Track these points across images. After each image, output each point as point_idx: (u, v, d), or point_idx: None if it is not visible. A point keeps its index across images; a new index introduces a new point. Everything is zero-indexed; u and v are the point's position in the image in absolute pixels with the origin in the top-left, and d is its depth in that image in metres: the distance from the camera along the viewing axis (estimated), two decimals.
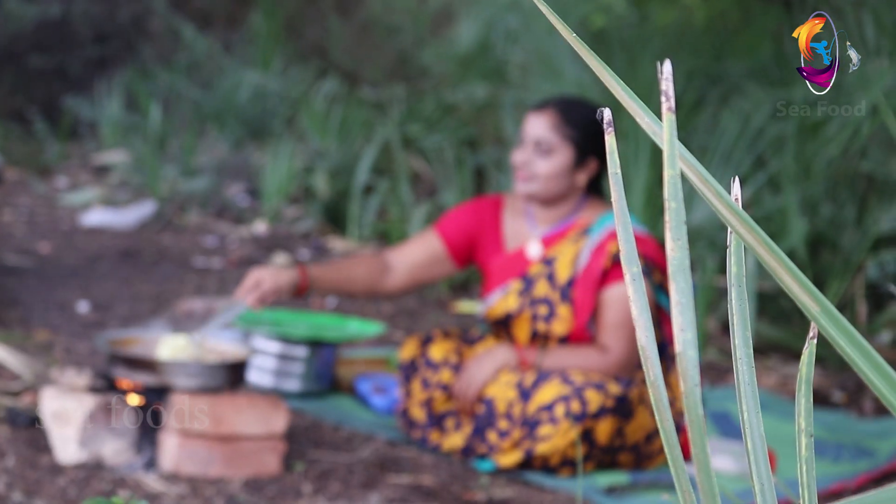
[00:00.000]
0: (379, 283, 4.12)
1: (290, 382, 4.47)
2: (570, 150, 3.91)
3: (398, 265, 4.13)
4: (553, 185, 3.93)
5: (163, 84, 10.63)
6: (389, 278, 4.12)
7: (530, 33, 7.92)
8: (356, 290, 4.15)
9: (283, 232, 8.37)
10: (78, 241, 7.41)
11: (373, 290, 4.14)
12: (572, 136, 3.89)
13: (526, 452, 3.75)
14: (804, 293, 0.83)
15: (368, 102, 9.50)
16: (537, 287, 3.99)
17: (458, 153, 7.82)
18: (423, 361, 4.09)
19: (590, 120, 3.93)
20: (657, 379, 0.86)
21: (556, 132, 3.89)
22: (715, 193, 0.85)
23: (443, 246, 4.13)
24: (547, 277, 3.98)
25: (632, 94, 0.85)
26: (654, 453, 3.96)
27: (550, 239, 4.03)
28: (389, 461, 3.83)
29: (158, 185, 8.70)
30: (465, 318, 6.31)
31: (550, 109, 3.93)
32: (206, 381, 3.54)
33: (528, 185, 3.94)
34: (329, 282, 4.04)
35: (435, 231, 4.17)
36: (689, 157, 0.84)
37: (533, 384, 3.81)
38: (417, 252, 4.14)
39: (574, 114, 3.92)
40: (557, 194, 3.96)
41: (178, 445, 3.49)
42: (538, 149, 3.91)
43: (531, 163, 3.92)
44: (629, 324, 3.87)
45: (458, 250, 4.14)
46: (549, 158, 3.91)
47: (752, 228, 0.85)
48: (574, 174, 3.94)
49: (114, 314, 5.56)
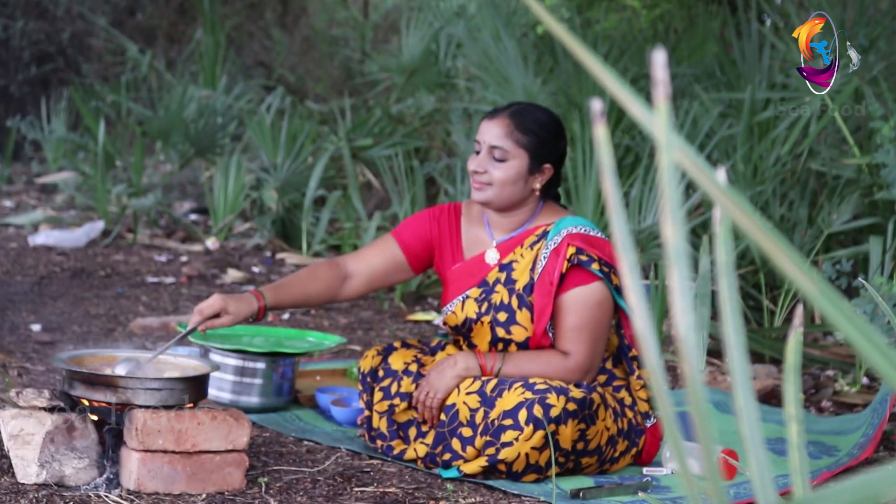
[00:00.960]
0: (337, 292, 4.11)
1: (250, 397, 4.44)
2: (525, 157, 3.90)
3: (357, 272, 4.12)
4: (508, 191, 3.92)
5: (107, 102, 10.56)
6: (347, 286, 4.11)
7: (476, 42, 7.92)
8: (314, 303, 4.16)
9: (234, 248, 8.33)
10: (27, 262, 7.34)
11: (330, 300, 4.14)
12: (526, 142, 3.89)
13: (490, 459, 3.74)
14: (801, 275, 0.83)
15: (315, 115, 9.48)
16: (496, 293, 3.98)
17: (408, 164, 7.81)
18: (383, 371, 4.08)
19: (543, 126, 3.93)
20: (656, 367, 0.85)
21: (509, 139, 3.89)
22: (709, 179, 0.84)
23: (401, 252, 4.12)
24: (505, 283, 3.97)
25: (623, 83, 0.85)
26: (618, 457, 3.96)
27: (508, 245, 4.02)
28: (353, 472, 3.81)
29: (106, 204, 8.64)
30: (422, 327, 6.31)
31: (504, 116, 3.93)
32: (167, 396, 3.50)
33: (483, 192, 3.93)
34: (286, 301, 4.02)
35: (393, 238, 4.16)
36: (683, 144, 0.84)
37: (495, 391, 3.81)
38: (376, 259, 4.13)
39: (527, 120, 3.91)
40: (513, 201, 3.96)
41: (139, 463, 3.45)
42: (492, 156, 3.91)
43: (486, 170, 3.91)
44: (589, 327, 3.87)
45: (417, 257, 4.14)
46: (503, 165, 3.90)
47: (748, 212, 0.84)
48: (529, 180, 3.94)
49: (67, 334, 5.51)
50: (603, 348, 3.93)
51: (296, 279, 4.08)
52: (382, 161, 8.04)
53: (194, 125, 9.22)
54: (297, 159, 8.49)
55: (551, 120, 3.96)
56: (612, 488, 3.74)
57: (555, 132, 3.95)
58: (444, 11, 9.68)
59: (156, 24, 13.76)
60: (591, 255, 3.85)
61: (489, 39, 7.77)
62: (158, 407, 3.50)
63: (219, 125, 9.50)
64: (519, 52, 7.53)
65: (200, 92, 10.00)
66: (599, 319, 3.88)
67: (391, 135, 8.95)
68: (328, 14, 14.48)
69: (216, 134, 9.37)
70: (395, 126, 9.23)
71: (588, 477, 3.91)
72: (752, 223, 0.84)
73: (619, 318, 4.01)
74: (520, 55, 7.50)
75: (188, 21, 13.69)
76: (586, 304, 3.87)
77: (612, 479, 3.90)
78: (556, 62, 7.45)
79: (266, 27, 13.94)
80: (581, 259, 3.84)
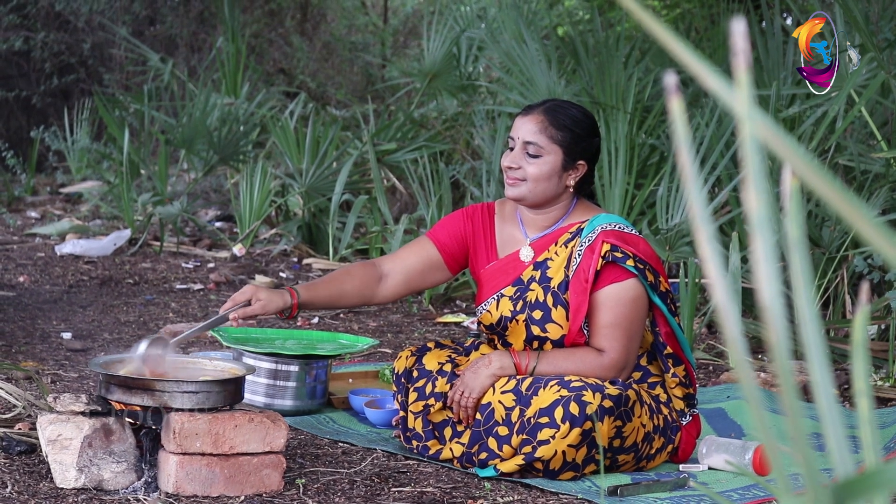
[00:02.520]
0: (373, 293, 4.10)
1: (284, 400, 4.45)
2: (559, 153, 3.90)
3: (393, 272, 4.12)
4: (542, 187, 3.92)
5: (130, 112, 10.59)
6: (384, 286, 4.11)
7: (498, 44, 7.92)
8: (348, 303, 4.14)
9: (260, 254, 8.34)
10: (55, 272, 7.36)
11: (366, 301, 4.13)
12: (560, 138, 3.89)
13: (526, 457, 3.73)
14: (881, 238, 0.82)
15: (338, 121, 9.48)
16: (531, 291, 3.98)
17: (433, 167, 7.81)
18: (417, 372, 4.07)
19: (578, 122, 3.93)
20: (736, 340, 0.85)
21: (544, 135, 3.89)
22: (788, 149, 0.84)
23: (437, 252, 4.12)
24: (540, 281, 3.97)
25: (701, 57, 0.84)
26: (654, 454, 3.95)
27: (542, 243, 4.02)
28: (390, 473, 3.81)
29: (132, 212, 8.66)
30: (451, 329, 6.30)
31: (538, 112, 3.93)
32: (204, 399, 3.51)
33: (517, 188, 3.94)
34: (320, 300, 4.03)
35: (428, 238, 4.16)
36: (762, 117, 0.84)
37: (530, 389, 3.80)
38: (412, 259, 4.13)
39: (562, 116, 3.91)
40: (547, 197, 3.96)
41: (178, 466, 3.46)
42: (527, 152, 3.91)
43: (520, 166, 3.92)
44: (624, 324, 3.87)
45: (452, 255, 4.13)
46: (537, 161, 3.90)
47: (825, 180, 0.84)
48: (563, 176, 3.94)
49: (98, 341, 5.53)
50: (638, 345, 3.93)
51: (330, 278, 4.09)
52: (407, 165, 8.05)
53: (217, 133, 9.23)
54: (322, 165, 8.50)
55: (585, 116, 3.96)
56: (650, 485, 3.74)
57: (589, 129, 3.95)
58: (465, 15, 9.68)
59: (176, 34, 13.79)
60: (626, 251, 3.85)
61: (511, 41, 7.78)
62: (195, 410, 3.50)
63: (242, 132, 9.52)
64: (542, 53, 7.53)
65: (223, 100, 10.02)
66: (634, 316, 3.88)
67: (414, 139, 8.96)
68: (348, 20, 14.49)
69: (239, 141, 9.39)
70: (417, 130, 9.24)
71: (625, 474, 3.90)
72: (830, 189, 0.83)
73: (653, 316, 4.00)
74: (543, 56, 7.50)
75: (208, 29, 13.72)
76: (621, 300, 3.86)
77: (649, 476, 3.89)
78: (579, 63, 7.45)
79: (286, 34, 13.97)
80: (616, 256, 3.84)
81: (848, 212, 0.83)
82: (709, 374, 5.46)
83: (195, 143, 9.32)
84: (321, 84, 13.45)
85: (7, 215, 9.26)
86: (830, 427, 0.98)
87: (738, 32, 0.80)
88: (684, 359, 3.99)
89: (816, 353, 0.95)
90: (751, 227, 0.82)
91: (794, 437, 0.86)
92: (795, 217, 0.99)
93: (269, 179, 8.53)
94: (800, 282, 0.98)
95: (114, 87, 13.26)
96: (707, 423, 4.47)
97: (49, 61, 13.86)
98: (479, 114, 8.56)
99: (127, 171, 8.86)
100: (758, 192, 0.79)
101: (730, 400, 4.79)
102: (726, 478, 3.93)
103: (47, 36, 13.76)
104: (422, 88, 9.35)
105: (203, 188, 10.49)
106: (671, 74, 0.90)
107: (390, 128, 8.94)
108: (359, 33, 14.42)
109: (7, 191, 10.54)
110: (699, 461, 4.03)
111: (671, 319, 3.94)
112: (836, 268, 5.84)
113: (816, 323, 0.97)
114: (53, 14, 13.90)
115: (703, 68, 0.85)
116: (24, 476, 3.52)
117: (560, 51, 7.91)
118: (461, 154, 9.04)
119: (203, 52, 13.58)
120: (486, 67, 9.67)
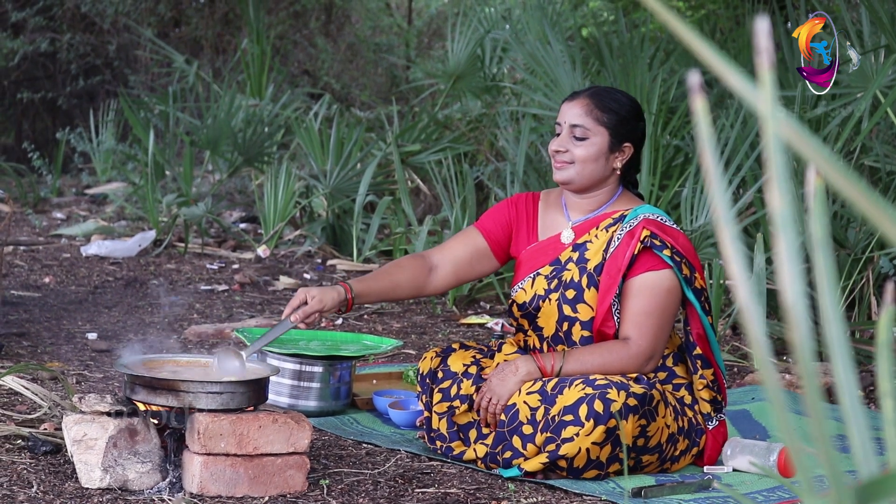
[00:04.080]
0: (424, 284, 4.15)
1: (308, 401, 4.45)
2: (605, 134, 3.95)
3: (441, 263, 4.16)
4: (590, 169, 3.96)
5: (155, 113, 10.62)
6: (434, 277, 4.16)
7: (522, 45, 7.92)
8: (401, 296, 4.19)
9: (284, 255, 8.36)
10: (81, 272, 7.39)
11: (418, 293, 4.18)
12: (606, 120, 3.94)
13: (550, 455, 3.73)
14: None
15: (363, 122, 9.50)
16: (567, 271, 4.00)
17: (457, 168, 7.81)
18: (442, 373, 4.08)
19: (623, 105, 3.97)
20: (760, 338, 0.84)
21: (590, 117, 3.95)
22: (812, 147, 0.84)
23: (483, 240, 4.17)
24: (577, 262, 3.99)
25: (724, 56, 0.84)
26: (678, 455, 3.95)
27: (584, 226, 4.05)
28: (414, 474, 3.81)
29: (156, 213, 8.68)
30: (475, 331, 6.30)
31: (584, 97, 4.00)
32: (228, 400, 3.51)
33: (565, 171, 3.98)
34: (374, 293, 4.07)
35: (475, 227, 4.22)
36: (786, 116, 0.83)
37: (556, 389, 3.80)
38: (460, 249, 4.18)
39: (607, 99, 3.97)
40: (594, 180, 3.98)
41: (202, 466, 3.46)
42: (573, 135, 3.95)
43: (567, 149, 3.95)
44: (656, 313, 3.87)
45: (498, 243, 4.17)
46: (584, 143, 3.95)
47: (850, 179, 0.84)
48: (610, 158, 3.98)
49: (123, 342, 5.54)
50: (667, 337, 3.92)
51: (383, 271, 4.13)
52: (432, 166, 8.05)
53: (242, 134, 9.26)
54: (346, 166, 8.51)
55: (630, 100, 4.01)
56: (674, 486, 3.73)
57: (634, 112, 3.99)
58: (490, 16, 9.68)
59: (201, 35, 13.84)
60: (665, 241, 3.86)
61: (536, 42, 7.77)
62: (220, 410, 3.51)
63: (266, 134, 9.54)
64: (567, 54, 7.52)
65: (247, 101, 10.04)
66: (666, 307, 3.88)
67: (438, 140, 8.96)
68: (372, 21, 14.51)
69: (264, 143, 9.41)
70: (441, 131, 9.24)
71: (649, 476, 3.90)
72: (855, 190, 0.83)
73: (686, 314, 3.99)
74: (567, 57, 7.50)
75: (233, 31, 13.75)
76: (655, 289, 3.87)
77: (673, 478, 3.88)
78: (603, 64, 7.44)
79: (310, 36, 14.00)
80: (654, 243, 3.86)
81: (873, 213, 0.83)
82: (733, 376, 5.45)
83: (220, 145, 9.35)
84: (345, 85, 13.47)
85: (33, 216, 9.29)
86: (855, 429, 0.97)
87: (762, 31, 0.80)
88: (714, 362, 3.99)
89: (841, 355, 0.95)
90: (775, 227, 0.82)
91: (818, 438, 0.86)
92: (820, 217, 0.99)
93: (294, 181, 8.55)
94: (824, 282, 0.98)
95: (139, 89, 13.31)
96: (731, 425, 4.45)
97: (75, 63, 13.92)
98: (503, 115, 8.56)
99: (152, 172, 8.88)
100: (782, 192, 0.79)
101: (754, 402, 4.78)
102: (751, 480, 3.92)
103: (73, 38, 13.82)
104: (446, 90, 9.36)
105: (227, 189, 10.52)
106: (695, 74, 0.90)
107: (414, 129, 8.95)
108: (383, 35, 14.44)
109: (33, 192, 10.58)
110: (723, 463, 4.02)
111: (704, 319, 3.93)
112: (861, 269, 5.82)
113: (841, 324, 0.97)
114: (79, 16, 13.96)
115: (727, 68, 0.85)
116: (49, 476, 3.54)
117: (584, 52, 7.91)
118: (485, 155, 9.04)
119: (228, 54, 13.61)
120: (510, 69, 9.67)
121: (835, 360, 0.97)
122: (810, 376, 0.79)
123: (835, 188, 0.90)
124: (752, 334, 0.86)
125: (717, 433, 4.03)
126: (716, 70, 0.88)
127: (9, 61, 13.59)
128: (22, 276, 7.13)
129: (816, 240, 1.00)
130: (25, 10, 13.76)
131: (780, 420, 0.93)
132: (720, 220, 0.87)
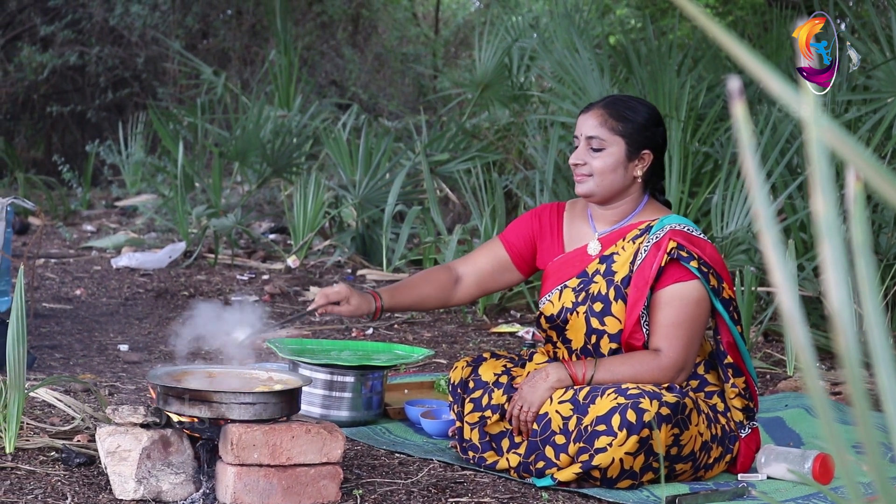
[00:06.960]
0: (450, 295, 4.23)
1: (340, 411, 4.45)
2: (622, 143, 3.93)
3: (466, 274, 4.22)
4: (609, 180, 3.95)
5: (184, 125, 10.65)
6: (459, 289, 4.23)
7: (550, 54, 7.91)
8: (429, 305, 4.28)
9: (314, 265, 8.36)
10: (111, 284, 7.41)
11: (444, 304, 4.27)
12: (621, 129, 3.92)
13: (584, 465, 3.72)
14: None
15: (391, 132, 9.50)
16: (594, 284, 3.98)
17: (486, 177, 7.81)
18: (473, 383, 4.07)
19: (637, 112, 3.95)
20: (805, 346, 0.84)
21: (604, 127, 3.93)
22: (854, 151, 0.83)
23: (505, 252, 4.20)
24: (604, 275, 3.98)
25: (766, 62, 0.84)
26: (712, 463, 3.93)
27: (610, 237, 4.03)
28: (447, 483, 3.80)
29: (186, 225, 8.70)
30: (506, 339, 6.29)
31: (598, 108, 3.99)
32: (261, 411, 3.51)
33: (585, 184, 3.97)
34: (403, 303, 4.18)
35: (498, 239, 4.24)
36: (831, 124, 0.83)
37: (588, 398, 3.79)
38: (483, 261, 4.22)
39: (621, 108, 3.95)
40: (615, 190, 3.97)
41: (235, 477, 3.46)
42: (590, 146, 3.94)
43: (585, 161, 3.94)
44: (685, 324, 3.85)
45: (520, 255, 4.19)
46: (601, 154, 3.94)
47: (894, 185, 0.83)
48: (629, 167, 3.96)
49: (154, 353, 5.56)
50: (697, 348, 3.91)
51: (411, 282, 4.18)
52: (460, 175, 8.05)
53: (271, 145, 9.27)
54: (375, 176, 8.51)
55: (646, 107, 3.99)
56: (708, 494, 3.71)
57: (650, 118, 3.97)
58: (517, 24, 9.68)
59: (229, 47, 13.87)
60: (692, 252, 3.85)
61: (564, 51, 7.76)
62: (253, 421, 3.51)
63: (295, 145, 9.55)
64: (594, 62, 7.51)
65: (276, 112, 10.06)
66: (696, 318, 3.86)
67: (466, 149, 8.96)
68: (399, 31, 14.53)
69: (292, 153, 9.43)
70: (470, 140, 9.24)
71: (683, 484, 3.88)
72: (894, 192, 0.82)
73: (715, 324, 3.97)
74: (595, 65, 7.49)
75: (261, 42, 13.79)
76: (684, 300, 3.85)
77: (707, 486, 3.87)
78: (631, 71, 7.42)
79: (338, 46, 14.02)
80: (681, 255, 3.84)
81: None
82: (766, 383, 5.42)
83: (249, 156, 9.37)
84: (373, 95, 13.49)
85: (63, 229, 9.33)
86: None
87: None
88: (745, 370, 3.97)
89: (884, 361, 0.94)
90: (818, 231, 0.81)
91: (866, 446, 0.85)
92: (860, 221, 0.98)
93: (323, 191, 8.55)
94: (866, 287, 0.97)
95: (168, 101, 13.35)
96: (765, 432, 4.43)
97: (103, 76, 13.98)
98: (531, 123, 8.56)
99: (181, 183, 8.90)
100: (826, 197, 0.78)
101: (788, 409, 4.75)
102: (786, 487, 3.90)
103: (101, 51, 13.87)
104: (474, 99, 9.36)
105: (257, 200, 10.53)
106: (735, 79, 0.90)
107: (443, 138, 8.95)
108: (410, 44, 14.46)
109: (63, 205, 10.63)
110: (758, 470, 4.00)
111: (733, 328, 3.91)
112: (893, 275, 5.79)
113: (884, 330, 0.96)
114: (108, 29, 14.01)
115: (769, 72, 0.85)
116: (83, 488, 3.54)
117: (612, 59, 7.90)
118: (514, 164, 9.03)
119: (255, 65, 13.65)
120: (538, 77, 9.67)
121: (878, 367, 0.96)
122: (857, 382, 0.78)
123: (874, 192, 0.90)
124: (796, 341, 0.85)
125: (750, 440, 4.01)
126: (756, 75, 0.87)
127: (38, 75, 13.65)
128: (53, 289, 7.15)
129: (857, 244, 0.99)
130: (54, 23, 13.84)
131: (825, 427, 0.93)
132: (762, 226, 0.87)
